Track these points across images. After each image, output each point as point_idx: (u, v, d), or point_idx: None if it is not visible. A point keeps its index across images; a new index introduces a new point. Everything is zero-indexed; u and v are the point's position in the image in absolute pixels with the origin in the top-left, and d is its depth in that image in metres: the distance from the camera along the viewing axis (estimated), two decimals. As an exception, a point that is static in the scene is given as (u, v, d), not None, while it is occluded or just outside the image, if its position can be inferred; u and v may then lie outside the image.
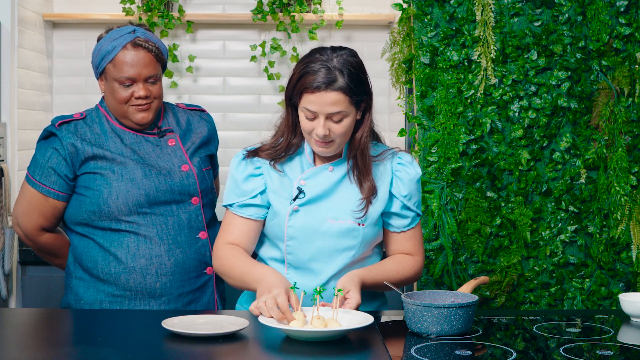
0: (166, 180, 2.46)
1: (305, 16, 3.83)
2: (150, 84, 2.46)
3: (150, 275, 2.44)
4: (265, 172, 2.25)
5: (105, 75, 2.49)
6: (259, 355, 1.86)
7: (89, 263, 2.48)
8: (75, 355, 1.86)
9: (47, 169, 2.47)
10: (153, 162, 2.48)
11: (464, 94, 2.90)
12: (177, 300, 2.46)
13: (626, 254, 2.91)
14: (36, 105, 3.70)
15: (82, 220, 2.48)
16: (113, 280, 2.45)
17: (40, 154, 2.50)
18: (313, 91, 2.09)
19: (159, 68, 2.50)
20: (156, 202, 2.44)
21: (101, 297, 2.46)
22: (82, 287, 2.49)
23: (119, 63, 2.44)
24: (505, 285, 2.93)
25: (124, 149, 2.48)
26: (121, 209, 2.42)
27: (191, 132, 2.59)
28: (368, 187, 2.21)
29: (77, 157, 2.45)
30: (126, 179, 2.44)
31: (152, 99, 2.47)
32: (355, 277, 2.13)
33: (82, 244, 2.50)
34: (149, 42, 2.48)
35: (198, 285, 2.49)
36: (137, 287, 2.44)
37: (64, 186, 2.48)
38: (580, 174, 2.91)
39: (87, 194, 2.46)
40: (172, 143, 2.53)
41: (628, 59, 2.90)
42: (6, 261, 3.17)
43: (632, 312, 2.18)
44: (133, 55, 2.44)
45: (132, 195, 2.42)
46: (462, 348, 1.89)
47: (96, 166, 2.45)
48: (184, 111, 2.65)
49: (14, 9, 3.37)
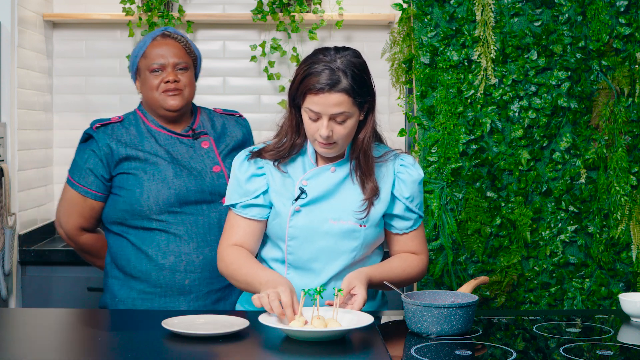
0: (197, 181, 2.52)
1: (305, 16, 3.83)
2: (180, 72, 2.57)
3: (179, 273, 2.50)
4: (267, 172, 2.25)
5: (139, 72, 2.62)
6: (259, 355, 1.86)
7: (122, 261, 2.55)
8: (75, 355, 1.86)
9: (85, 170, 2.57)
10: (186, 162, 2.55)
11: (464, 94, 2.90)
12: (205, 297, 2.52)
13: (626, 254, 2.91)
14: (36, 105, 3.70)
15: (117, 220, 2.56)
16: (144, 278, 2.52)
17: (79, 156, 2.61)
18: (317, 92, 2.09)
19: (189, 60, 2.61)
20: (187, 201, 2.51)
21: (134, 295, 2.53)
22: (117, 286, 2.57)
23: (148, 54, 2.58)
24: (505, 285, 2.93)
25: (158, 149, 2.56)
26: (152, 208, 2.50)
27: (226, 135, 2.66)
28: (370, 187, 2.21)
29: (112, 158, 2.54)
30: (158, 178, 2.51)
31: (182, 86, 2.56)
32: (362, 273, 2.13)
33: (117, 243, 2.58)
34: (178, 35, 2.62)
35: (227, 283, 2.52)
36: (167, 283, 2.51)
37: (101, 186, 2.56)
38: (580, 174, 2.91)
39: (121, 193, 2.54)
40: (205, 145, 2.60)
41: (628, 59, 2.90)
42: (6, 261, 3.17)
43: (632, 312, 2.18)
44: (162, 44, 2.58)
45: (163, 195, 2.50)
46: (462, 348, 1.89)
47: (130, 166, 2.53)
48: (221, 116, 2.73)
49: (14, 9, 3.37)
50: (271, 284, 2.05)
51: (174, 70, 2.56)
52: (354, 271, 2.14)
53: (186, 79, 2.58)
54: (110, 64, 3.97)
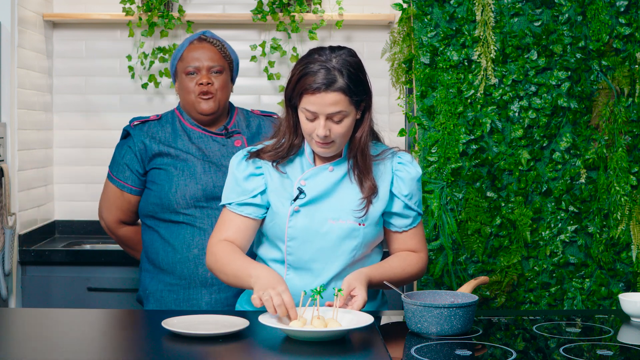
0: (224, 177, 2.56)
1: (305, 16, 3.83)
2: (214, 75, 2.66)
3: (202, 265, 2.60)
4: (266, 172, 2.24)
5: (177, 75, 2.72)
6: (259, 355, 1.86)
7: (152, 254, 2.67)
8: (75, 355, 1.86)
9: (122, 165, 2.71)
10: (216, 160, 2.66)
11: (464, 94, 2.90)
12: (227, 290, 2.60)
13: (626, 254, 2.91)
14: (36, 105, 3.70)
15: (149, 213, 2.68)
16: (171, 270, 2.63)
17: (117, 152, 2.75)
18: (313, 92, 2.09)
19: (225, 63, 2.70)
20: (213, 196, 2.61)
21: (161, 287, 2.65)
22: (148, 278, 2.69)
23: (185, 57, 2.69)
24: (505, 285, 2.93)
25: (191, 146, 2.67)
26: (179, 202, 2.61)
27: (260, 135, 2.74)
28: (369, 186, 2.21)
29: (146, 154, 2.67)
30: (186, 174, 2.62)
31: (214, 90, 2.66)
32: (362, 274, 2.13)
33: (148, 237, 2.70)
34: (214, 39, 2.72)
35: None
36: (191, 275, 2.61)
37: (136, 181, 2.70)
38: (580, 174, 2.91)
39: (152, 188, 2.66)
40: (238, 144, 2.70)
41: (628, 59, 2.90)
42: (6, 261, 3.17)
43: (632, 312, 2.18)
44: (198, 48, 2.68)
45: (191, 189, 2.61)
46: (462, 348, 1.89)
47: (162, 162, 2.65)
48: (257, 116, 2.82)
49: (14, 9, 3.37)
50: (264, 281, 2.03)
51: (208, 73, 2.66)
52: (353, 272, 2.14)
53: (220, 82, 2.67)
54: (110, 64, 3.97)
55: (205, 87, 2.64)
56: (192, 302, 2.61)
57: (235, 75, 2.79)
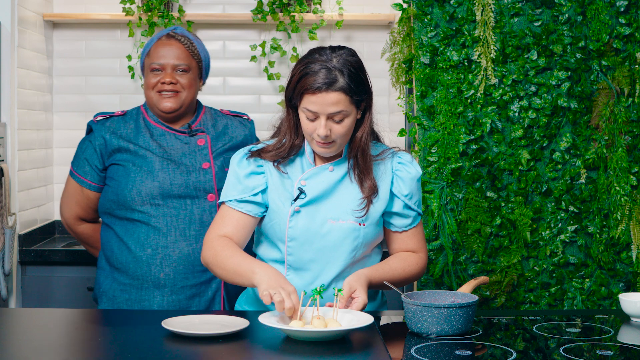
0: (182, 175, 2.56)
1: (305, 16, 3.83)
2: (179, 74, 2.60)
3: (155, 265, 2.53)
4: (267, 172, 2.24)
5: (144, 70, 2.66)
6: (259, 355, 1.86)
7: (108, 252, 2.61)
8: (75, 355, 1.86)
9: (82, 160, 2.66)
10: (177, 158, 2.59)
11: (464, 94, 2.90)
12: (180, 292, 2.52)
13: (626, 254, 2.91)
14: (36, 105, 3.70)
15: (106, 210, 2.62)
16: (124, 269, 2.56)
17: (79, 147, 2.70)
18: (314, 92, 2.09)
19: (192, 62, 2.63)
20: (170, 195, 2.54)
21: (115, 286, 2.58)
22: (102, 276, 2.63)
23: (152, 53, 2.62)
24: (505, 285, 2.93)
25: (152, 143, 2.60)
26: (135, 199, 2.54)
27: (225, 135, 2.69)
28: (369, 186, 2.21)
29: (105, 149, 2.61)
30: (144, 170, 2.56)
31: (179, 88, 2.59)
32: (362, 276, 2.13)
33: (104, 234, 2.64)
34: (184, 36, 2.64)
35: (203, 279, 2.52)
36: (143, 276, 2.54)
37: (95, 177, 2.64)
38: (580, 174, 2.91)
39: (110, 184, 2.61)
40: (201, 143, 2.64)
41: (628, 59, 2.90)
42: (6, 261, 3.17)
43: (632, 312, 2.18)
44: (165, 44, 2.61)
45: (146, 186, 2.54)
46: (462, 348, 1.89)
47: (121, 158, 2.59)
48: (226, 116, 2.76)
49: (14, 9, 3.37)
50: (272, 279, 2.02)
51: (173, 71, 2.59)
52: (353, 274, 2.13)
53: (185, 81, 2.60)
54: (110, 64, 3.97)
55: (168, 85, 2.57)
56: (144, 304, 2.53)
57: (206, 75, 2.71)
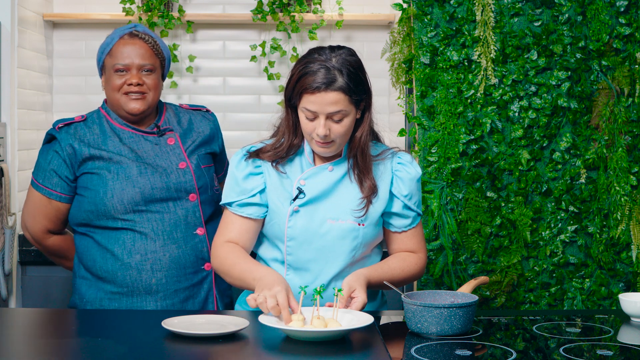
0: (162, 178, 2.49)
1: (305, 16, 3.83)
2: (145, 74, 2.51)
3: (146, 271, 2.46)
4: (265, 172, 2.24)
5: (104, 69, 2.54)
6: (259, 355, 1.85)
7: (89, 262, 2.51)
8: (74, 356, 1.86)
9: (48, 171, 2.52)
10: (151, 160, 2.51)
11: (464, 94, 2.90)
12: (173, 296, 2.47)
13: (626, 254, 2.91)
14: (36, 105, 3.70)
15: (83, 221, 2.51)
16: (111, 278, 2.47)
17: (42, 157, 2.56)
18: (313, 92, 2.09)
19: (157, 62, 2.54)
20: (152, 199, 2.47)
21: (101, 295, 2.49)
22: (85, 286, 2.52)
23: (114, 52, 2.51)
24: (505, 285, 2.93)
25: (122, 148, 2.51)
26: (117, 208, 2.45)
27: (192, 131, 2.61)
28: (369, 186, 2.21)
29: (75, 159, 2.49)
30: (122, 177, 2.47)
31: (146, 89, 2.50)
32: (361, 276, 2.13)
33: (83, 244, 2.53)
34: (147, 34, 2.54)
35: (195, 281, 2.49)
36: (134, 283, 2.46)
37: (66, 188, 2.52)
38: (580, 174, 2.91)
39: (85, 194, 2.49)
40: (171, 142, 2.56)
41: (628, 59, 2.90)
42: (6, 261, 3.17)
43: (632, 312, 2.18)
44: (129, 44, 2.51)
45: (128, 194, 2.45)
46: (462, 348, 1.89)
47: (94, 166, 2.49)
48: (187, 111, 2.68)
49: (14, 9, 3.37)
50: (265, 282, 2.03)
51: (138, 72, 2.50)
52: (352, 274, 2.14)
53: (151, 82, 2.51)
54: (110, 64, 3.97)
55: (135, 87, 2.48)
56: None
57: (166, 73, 2.63)
